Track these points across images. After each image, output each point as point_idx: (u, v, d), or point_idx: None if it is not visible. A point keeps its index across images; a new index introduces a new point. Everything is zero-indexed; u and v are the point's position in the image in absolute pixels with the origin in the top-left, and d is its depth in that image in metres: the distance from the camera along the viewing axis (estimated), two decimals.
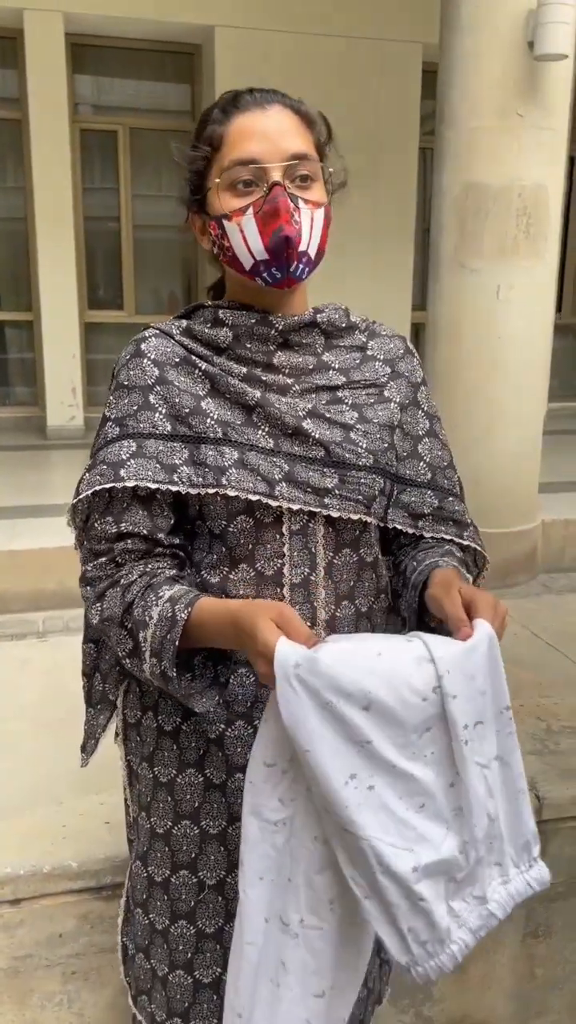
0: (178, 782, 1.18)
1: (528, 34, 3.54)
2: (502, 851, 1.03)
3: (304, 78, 5.19)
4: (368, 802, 0.92)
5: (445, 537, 1.24)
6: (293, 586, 1.13)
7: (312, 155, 1.11)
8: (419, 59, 6.69)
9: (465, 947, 0.98)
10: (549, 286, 4.07)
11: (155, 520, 1.13)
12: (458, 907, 0.99)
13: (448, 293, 3.95)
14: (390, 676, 0.93)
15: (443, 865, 0.96)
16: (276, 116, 1.09)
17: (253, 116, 1.09)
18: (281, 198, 1.06)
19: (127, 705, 1.25)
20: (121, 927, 1.34)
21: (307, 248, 1.10)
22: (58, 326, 6.64)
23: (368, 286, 6.68)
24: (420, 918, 0.95)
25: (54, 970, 1.64)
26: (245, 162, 1.08)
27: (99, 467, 1.11)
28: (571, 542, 4.48)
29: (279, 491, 1.09)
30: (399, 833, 0.93)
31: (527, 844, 1.05)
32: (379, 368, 1.22)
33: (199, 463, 1.09)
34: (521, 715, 2.25)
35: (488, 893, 1.01)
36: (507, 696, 1.02)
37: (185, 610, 1.03)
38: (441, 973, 0.97)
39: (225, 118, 1.10)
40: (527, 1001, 1.98)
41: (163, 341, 1.16)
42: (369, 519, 1.16)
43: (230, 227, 1.10)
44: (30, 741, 2.08)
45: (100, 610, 1.11)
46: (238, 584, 1.13)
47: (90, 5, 6.06)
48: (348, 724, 0.91)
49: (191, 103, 6.98)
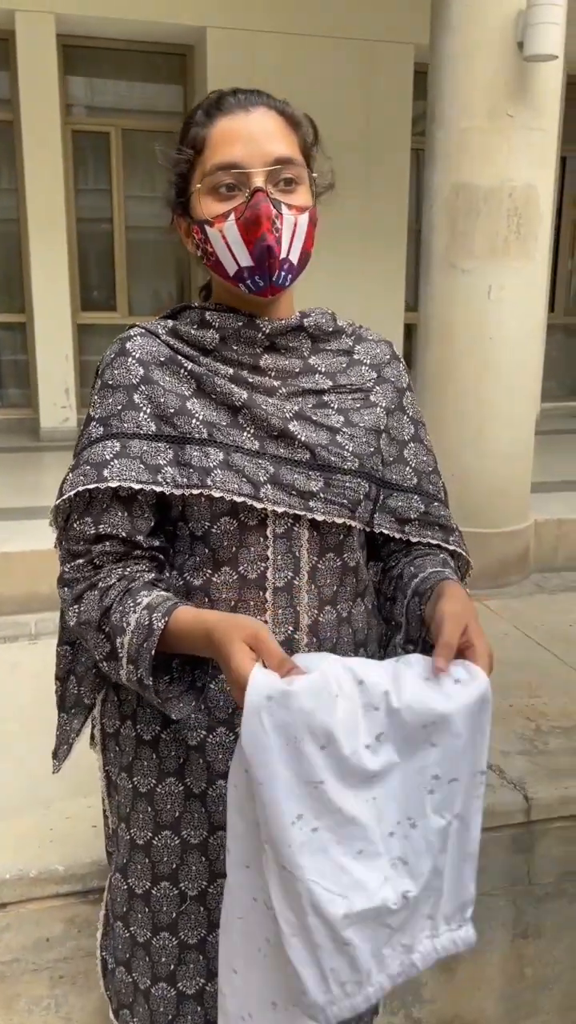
0: (158, 792, 1.17)
1: (518, 35, 3.54)
2: (437, 906, 1.03)
3: (296, 79, 5.19)
4: (310, 844, 0.93)
5: (432, 542, 1.24)
6: (276, 590, 1.12)
7: (297, 158, 1.10)
8: (411, 60, 6.70)
9: (381, 989, 0.99)
10: (540, 286, 4.07)
11: (135, 521, 1.12)
12: (385, 953, 0.99)
13: (439, 294, 3.95)
14: (344, 719, 0.93)
15: (374, 913, 0.97)
16: (259, 118, 1.08)
17: (236, 119, 1.08)
18: (263, 204, 1.05)
19: (105, 714, 1.23)
20: (100, 941, 1.33)
21: (289, 255, 1.09)
22: (51, 328, 6.63)
23: (361, 287, 6.68)
24: (343, 959, 0.96)
25: (41, 974, 1.64)
26: (227, 167, 1.06)
27: (82, 467, 1.10)
28: (563, 542, 4.48)
29: (264, 493, 1.09)
30: (335, 879, 0.94)
31: (463, 905, 1.05)
32: (365, 373, 1.22)
33: (184, 464, 1.08)
34: (511, 715, 2.25)
35: (415, 943, 1.02)
36: (485, 760, 1.02)
37: (162, 619, 1.02)
38: (353, 1012, 0.98)
39: (208, 120, 1.09)
40: (517, 1001, 1.98)
41: (148, 340, 1.15)
42: (354, 523, 1.15)
43: (212, 233, 1.09)
44: (20, 743, 2.07)
45: (77, 612, 1.10)
46: (220, 587, 1.12)
47: (82, 6, 6.05)
48: (305, 763, 0.92)
49: (183, 104, 6.98)
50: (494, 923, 1.91)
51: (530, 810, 1.88)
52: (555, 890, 1.94)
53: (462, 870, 1.03)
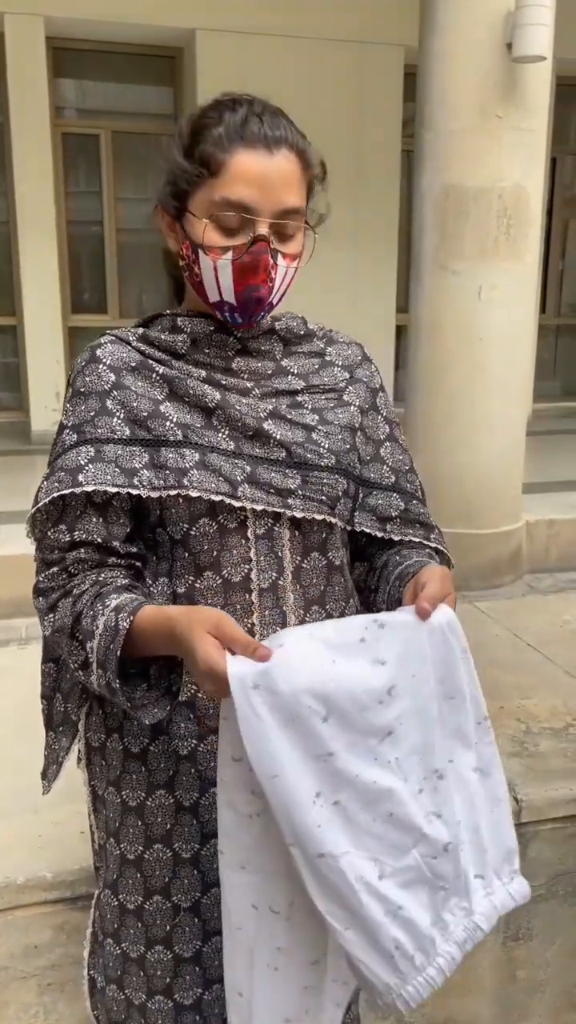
0: (148, 805, 1.15)
1: (506, 36, 3.54)
2: (484, 863, 1.02)
3: (286, 81, 5.19)
4: (335, 818, 0.90)
5: (414, 539, 1.24)
6: (261, 591, 1.12)
7: (302, 208, 1.09)
8: (401, 62, 6.70)
9: (452, 960, 0.97)
10: (531, 287, 4.07)
11: (110, 528, 1.11)
12: (447, 918, 0.97)
13: (430, 294, 3.95)
14: (346, 682, 0.91)
15: (415, 871, 0.95)
16: (280, 163, 1.05)
17: (257, 157, 1.04)
18: (263, 256, 1.05)
19: (90, 728, 1.21)
20: (87, 959, 1.30)
21: (272, 298, 1.11)
22: (42, 331, 6.61)
23: (351, 288, 6.68)
24: (402, 929, 0.93)
25: (30, 982, 1.62)
26: (237, 207, 1.04)
27: (57, 474, 1.09)
28: (555, 542, 4.48)
29: (242, 492, 1.08)
30: (366, 846, 0.92)
31: (508, 854, 1.04)
32: (338, 373, 1.22)
33: (159, 466, 1.08)
34: (501, 717, 2.24)
35: (473, 905, 1.00)
36: (483, 706, 1.02)
37: (127, 619, 1.00)
38: (430, 989, 0.95)
39: (228, 146, 1.04)
40: (509, 1004, 1.97)
41: (119, 347, 1.14)
42: (333, 520, 1.15)
43: (205, 260, 1.08)
44: (9, 749, 2.06)
45: (52, 621, 1.09)
46: (205, 593, 1.11)
47: (71, 8, 6.04)
48: (310, 738, 0.89)
49: (173, 106, 6.97)
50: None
51: (521, 812, 1.87)
52: (546, 892, 1.94)
53: (497, 817, 1.03)
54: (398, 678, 0.93)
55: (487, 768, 1.02)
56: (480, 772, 1.01)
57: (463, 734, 1.00)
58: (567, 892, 1.96)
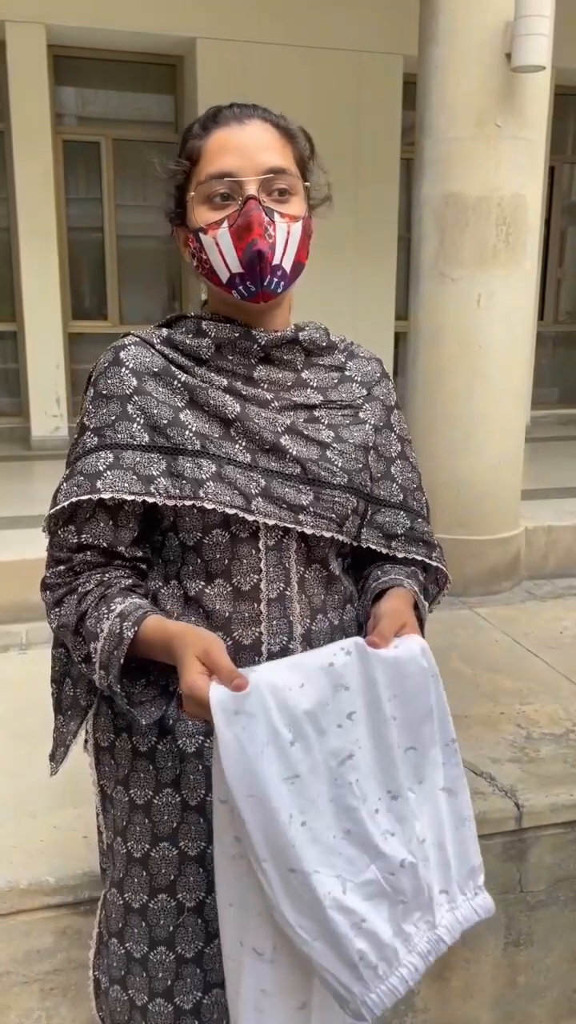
0: (155, 803, 1.17)
1: (505, 45, 3.56)
2: (449, 878, 1.05)
3: (286, 89, 5.22)
4: (305, 838, 0.95)
5: (416, 557, 1.26)
6: (270, 601, 1.14)
7: (291, 169, 1.11)
8: (400, 71, 6.73)
9: (415, 971, 1.00)
10: (529, 294, 4.09)
11: (119, 532, 1.13)
12: (409, 930, 1.01)
13: (429, 302, 3.96)
14: (309, 706, 0.95)
15: (375, 885, 0.98)
16: (254, 130, 1.10)
17: (231, 130, 1.10)
18: (255, 212, 1.06)
19: (98, 728, 1.23)
20: (92, 960, 1.32)
21: (281, 261, 1.10)
22: (42, 336, 6.62)
23: (351, 295, 6.69)
24: (365, 940, 0.97)
25: (32, 987, 1.63)
26: (221, 175, 1.08)
27: (76, 477, 1.11)
28: (553, 549, 4.48)
29: (256, 506, 1.09)
30: (329, 863, 0.96)
31: (472, 870, 1.08)
32: (356, 389, 1.23)
33: (176, 475, 1.09)
34: (501, 723, 2.25)
35: (437, 919, 1.03)
36: (452, 729, 1.06)
37: (132, 628, 1.04)
38: (393, 998, 0.98)
39: (204, 132, 1.11)
40: (510, 1010, 1.97)
41: (142, 350, 1.15)
42: (341, 537, 1.16)
43: (207, 240, 1.10)
44: (7, 754, 2.07)
45: (57, 616, 1.13)
46: (215, 599, 1.13)
47: (72, 17, 6.06)
48: (280, 761, 0.94)
49: (174, 114, 7.00)
50: (486, 931, 1.90)
51: (522, 818, 1.88)
52: (547, 898, 1.94)
53: (462, 835, 1.06)
54: (357, 704, 0.98)
55: (454, 788, 1.06)
56: (447, 792, 1.05)
57: (431, 756, 1.04)
58: (568, 898, 1.96)
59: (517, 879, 1.92)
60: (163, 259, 7.33)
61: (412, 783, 1.02)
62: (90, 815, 1.73)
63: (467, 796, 1.07)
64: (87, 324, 7.07)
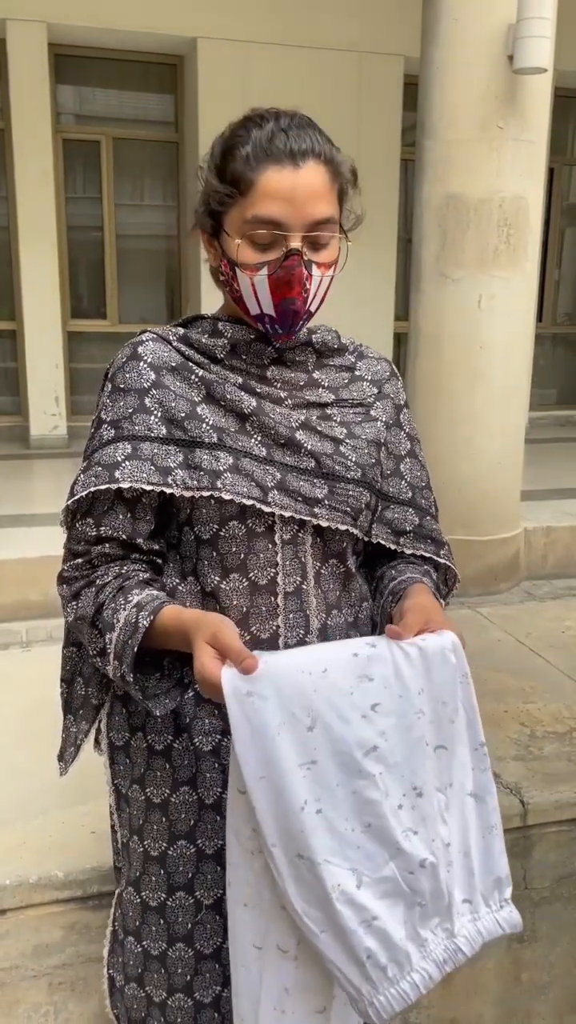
0: (172, 802, 1.17)
1: (507, 47, 3.59)
2: (473, 887, 1.02)
3: (286, 89, 5.22)
4: (319, 826, 0.93)
5: (424, 554, 1.27)
6: (287, 595, 1.15)
7: (334, 216, 1.10)
8: (400, 71, 6.76)
9: (428, 978, 0.97)
10: (529, 295, 4.11)
11: (136, 524, 1.14)
12: (426, 936, 0.98)
13: (430, 303, 3.98)
14: (330, 693, 0.94)
15: (391, 884, 0.96)
16: (308, 176, 1.06)
17: (284, 173, 1.05)
18: (297, 269, 1.07)
19: (112, 727, 1.24)
20: (107, 959, 1.32)
21: (310, 306, 1.12)
22: (41, 335, 6.62)
23: (351, 296, 6.69)
24: (375, 938, 0.94)
25: (40, 981, 1.63)
26: (268, 223, 1.06)
27: (94, 468, 1.11)
28: (552, 549, 4.51)
29: (272, 498, 1.11)
30: (343, 854, 0.94)
31: (498, 882, 1.04)
32: (366, 388, 1.25)
33: (194, 467, 1.10)
34: (505, 721, 2.26)
35: (456, 928, 1.00)
36: (481, 733, 1.03)
37: (148, 617, 1.05)
38: (403, 1003, 0.95)
39: (255, 165, 1.06)
40: (513, 1007, 1.98)
41: (160, 346, 1.16)
42: (355, 531, 1.17)
43: (242, 277, 1.10)
44: (13, 752, 2.07)
45: (75, 609, 1.13)
46: (231, 594, 1.14)
47: (74, 15, 6.07)
48: (296, 746, 0.93)
49: (174, 114, 7.01)
50: None
51: (526, 815, 1.89)
52: (551, 895, 1.95)
53: (489, 844, 1.04)
54: (383, 696, 0.96)
55: (482, 794, 1.03)
56: (475, 798, 1.03)
57: (460, 758, 1.02)
58: (572, 895, 1.97)
59: (522, 876, 1.93)
60: (162, 258, 7.33)
61: (440, 783, 1.00)
62: (97, 811, 1.74)
63: (495, 804, 1.04)
64: (86, 323, 7.08)
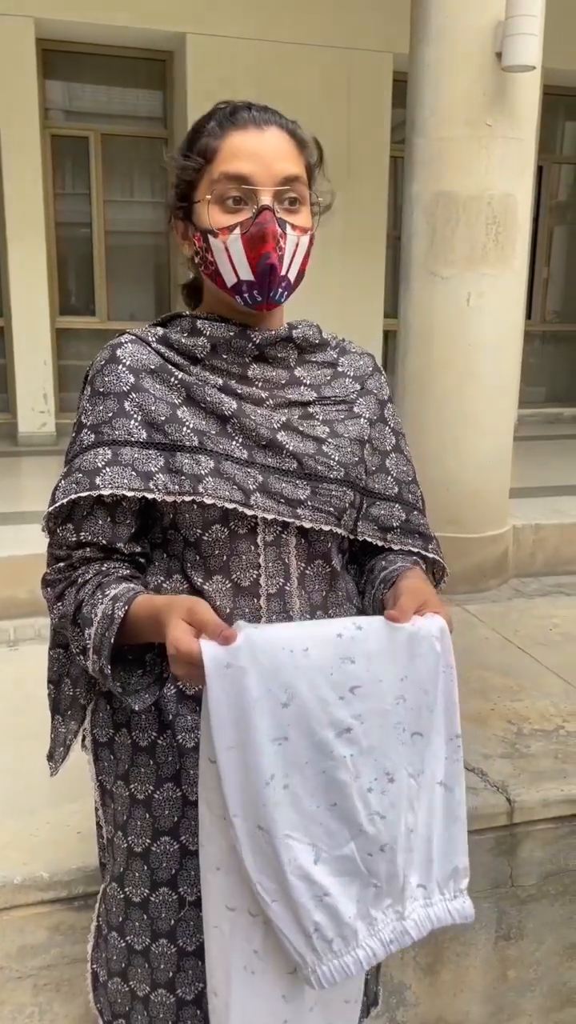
0: (156, 798, 1.17)
1: (496, 45, 3.58)
2: (430, 874, 1.04)
3: (275, 86, 5.21)
4: (284, 800, 0.94)
5: (413, 550, 1.26)
6: (269, 596, 1.14)
7: (303, 178, 1.12)
8: (390, 68, 6.74)
9: (372, 956, 0.99)
10: (518, 293, 4.11)
11: (116, 529, 1.13)
12: (376, 915, 1.00)
13: (419, 301, 3.97)
14: (310, 672, 0.94)
15: (348, 862, 0.98)
16: (272, 138, 1.09)
17: (249, 135, 1.08)
18: (270, 224, 1.06)
19: (96, 724, 1.23)
20: (91, 954, 1.32)
21: (287, 273, 1.11)
22: (29, 332, 6.59)
23: (339, 293, 6.70)
24: (325, 913, 0.96)
25: (25, 982, 1.63)
26: (236, 178, 1.07)
27: (74, 475, 1.11)
28: (541, 547, 4.52)
29: (254, 500, 1.10)
30: (305, 829, 0.95)
31: (455, 871, 1.06)
32: (349, 385, 1.24)
33: (175, 471, 1.10)
34: (492, 719, 2.27)
35: (407, 911, 1.02)
36: (458, 724, 1.04)
37: (122, 608, 1.04)
38: (344, 975, 0.98)
39: (220, 132, 1.09)
40: (500, 1003, 1.99)
41: (139, 348, 1.15)
42: (339, 530, 1.17)
43: (215, 243, 1.10)
44: (1, 751, 2.06)
45: (58, 609, 1.14)
46: (214, 595, 1.14)
47: (61, 11, 6.03)
48: (270, 720, 0.93)
49: (163, 109, 6.98)
50: (477, 925, 1.92)
51: (513, 813, 1.89)
52: (538, 892, 1.96)
53: (452, 834, 1.05)
54: (363, 679, 0.97)
55: (451, 784, 1.05)
56: (444, 787, 1.04)
57: (434, 747, 1.03)
58: (558, 892, 1.98)
59: (508, 874, 1.94)
60: (151, 255, 7.31)
61: (413, 770, 1.01)
62: (84, 811, 1.73)
63: (463, 795, 1.06)
64: (75, 320, 7.05)
